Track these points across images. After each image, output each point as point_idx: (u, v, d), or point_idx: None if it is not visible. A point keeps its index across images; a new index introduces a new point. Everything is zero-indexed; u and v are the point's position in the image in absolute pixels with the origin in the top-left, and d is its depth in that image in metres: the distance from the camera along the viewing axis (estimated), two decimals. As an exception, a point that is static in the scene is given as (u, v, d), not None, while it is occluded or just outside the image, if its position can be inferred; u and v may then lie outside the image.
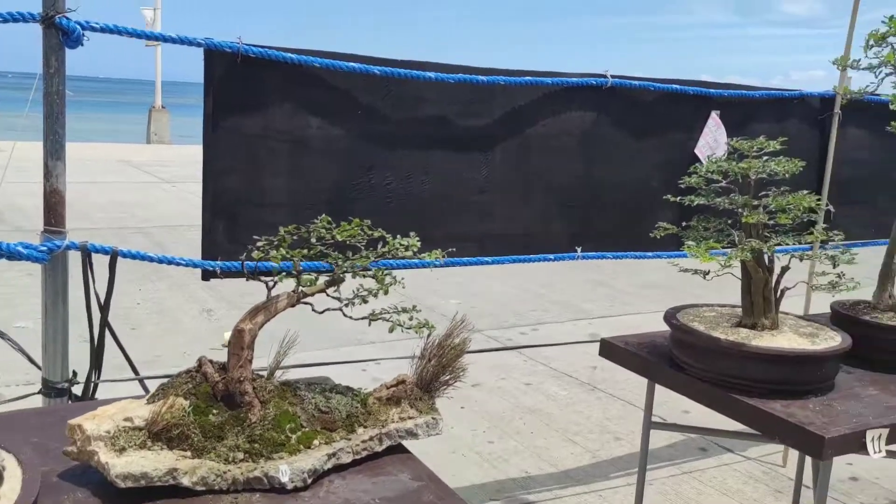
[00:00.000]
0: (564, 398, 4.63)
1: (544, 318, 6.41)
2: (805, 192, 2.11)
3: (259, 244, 1.53)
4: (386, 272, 1.63)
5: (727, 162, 2.09)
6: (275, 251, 1.51)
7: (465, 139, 2.90)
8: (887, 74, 2.24)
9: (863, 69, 2.25)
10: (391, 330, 1.57)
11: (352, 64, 2.62)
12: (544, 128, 3.03)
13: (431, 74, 2.73)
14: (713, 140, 3.38)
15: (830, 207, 3.92)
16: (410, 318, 1.61)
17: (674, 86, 3.25)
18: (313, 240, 1.54)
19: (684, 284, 2.26)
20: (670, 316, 2.22)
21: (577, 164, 3.13)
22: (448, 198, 2.86)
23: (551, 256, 3.09)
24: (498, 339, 5.76)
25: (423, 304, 6.66)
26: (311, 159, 2.66)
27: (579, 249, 3.16)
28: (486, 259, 2.93)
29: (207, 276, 2.56)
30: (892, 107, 2.40)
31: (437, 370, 1.64)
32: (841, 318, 2.37)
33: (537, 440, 4.02)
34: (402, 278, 1.65)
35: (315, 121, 2.65)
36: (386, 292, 1.59)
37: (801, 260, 2.18)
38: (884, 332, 2.26)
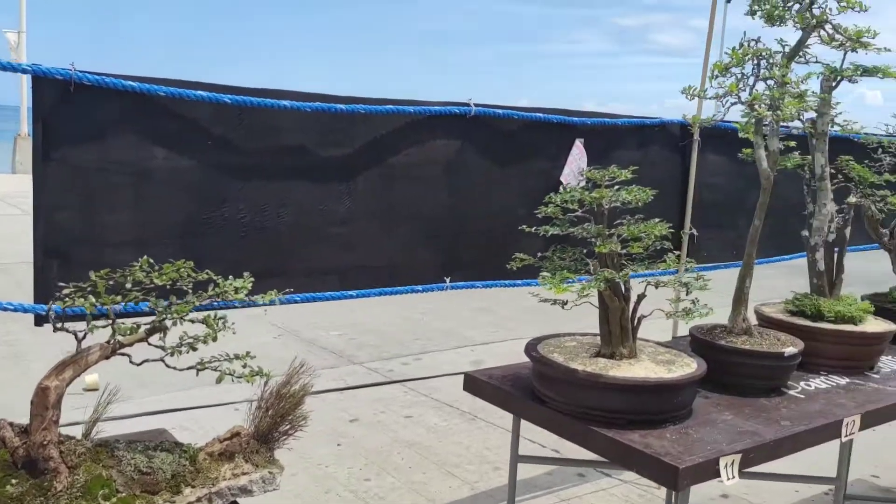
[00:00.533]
0: (445, 429, 4.55)
1: (427, 347, 6.33)
2: (657, 220, 2.12)
3: (66, 291, 1.38)
4: (220, 316, 1.51)
5: (581, 191, 2.08)
6: (83, 299, 1.36)
7: (325, 169, 2.80)
8: (733, 103, 2.30)
9: (709, 98, 2.30)
10: (219, 381, 1.45)
11: (200, 92, 2.49)
12: (408, 157, 2.97)
13: (287, 103, 2.63)
14: (577, 168, 3.41)
15: (694, 231, 4.03)
16: (244, 366, 1.49)
17: (537, 114, 3.26)
18: (128, 285, 1.41)
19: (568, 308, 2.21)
20: (531, 347, 2.18)
21: (442, 193, 3.09)
22: (307, 230, 2.75)
23: (419, 287, 3.02)
24: (379, 370, 5.64)
25: (301, 337, 6.47)
26: (158, 193, 2.50)
27: (448, 279, 3.11)
28: (350, 293, 2.83)
29: (41, 321, 2.35)
30: (741, 135, 2.45)
31: (274, 420, 1.53)
32: (698, 342, 2.39)
33: (416, 475, 3.92)
34: (234, 322, 1.53)
35: (161, 152, 2.49)
36: (215, 339, 1.47)
37: (656, 287, 2.18)
38: (737, 355, 2.29)
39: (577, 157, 3.42)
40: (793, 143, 2.58)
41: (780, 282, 9.50)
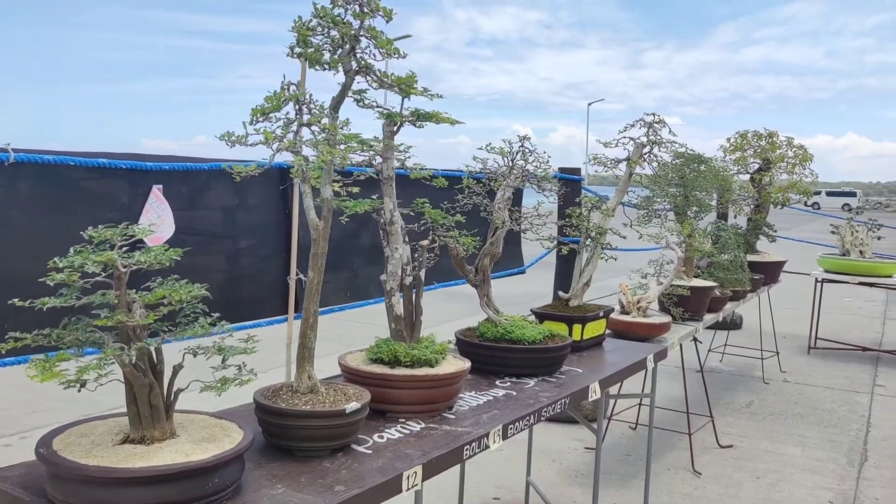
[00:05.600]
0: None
1: None
2: (185, 280, 1.90)
3: None
4: None
5: (80, 255, 1.78)
6: None
7: None
8: (279, 150, 2.16)
9: (251, 145, 2.14)
10: None
11: None
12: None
13: None
14: (156, 217, 3.11)
15: (302, 276, 3.90)
16: None
17: (100, 160, 2.91)
18: None
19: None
20: (43, 442, 1.82)
21: (-22, 254, 2.60)
22: None
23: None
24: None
25: None
26: None
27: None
28: None
29: None
30: (291, 175, 2.32)
31: None
32: (259, 407, 2.20)
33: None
34: None
35: None
36: None
37: (194, 356, 1.95)
38: (296, 418, 2.13)
39: (156, 205, 3.12)
40: (356, 189, 2.51)
41: (440, 306, 9.90)
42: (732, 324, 9.52)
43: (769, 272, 6.77)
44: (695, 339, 5.34)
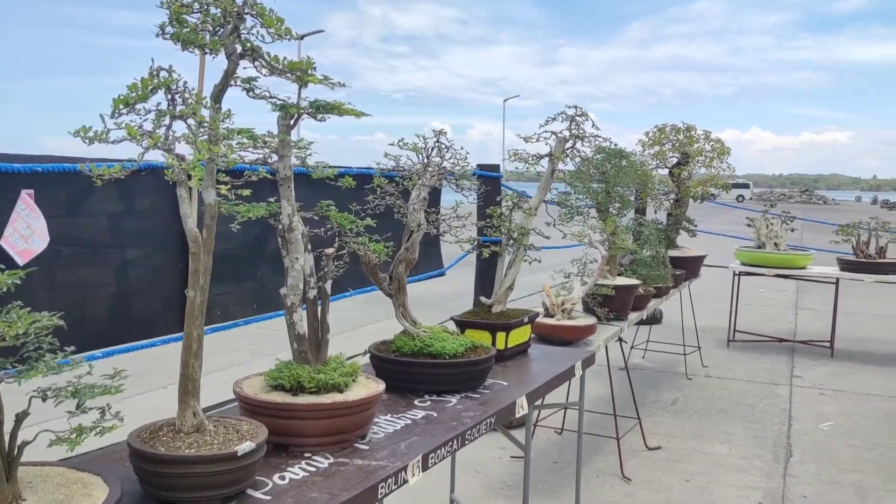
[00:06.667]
0: None
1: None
2: (28, 309, 1.56)
3: None
4: None
5: None
6: None
7: None
8: (148, 148, 1.82)
9: (112, 143, 1.79)
10: None
11: None
12: None
13: None
14: (26, 227, 2.71)
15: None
16: None
17: (-50, 162, 2.50)
18: None
19: None
20: None
21: None
22: None
23: None
24: None
25: None
26: None
27: None
28: None
29: None
30: (167, 177, 1.98)
31: None
32: (134, 452, 1.86)
33: None
34: None
35: None
36: None
37: (43, 400, 1.60)
38: (178, 465, 1.80)
39: (25, 213, 2.72)
40: (247, 192, 2.19)
41: (357, 312, 9.54)
42: (653, 318, 9.51)
43: (690, 267, 6.71)
44: (620, 339, 5.19)
